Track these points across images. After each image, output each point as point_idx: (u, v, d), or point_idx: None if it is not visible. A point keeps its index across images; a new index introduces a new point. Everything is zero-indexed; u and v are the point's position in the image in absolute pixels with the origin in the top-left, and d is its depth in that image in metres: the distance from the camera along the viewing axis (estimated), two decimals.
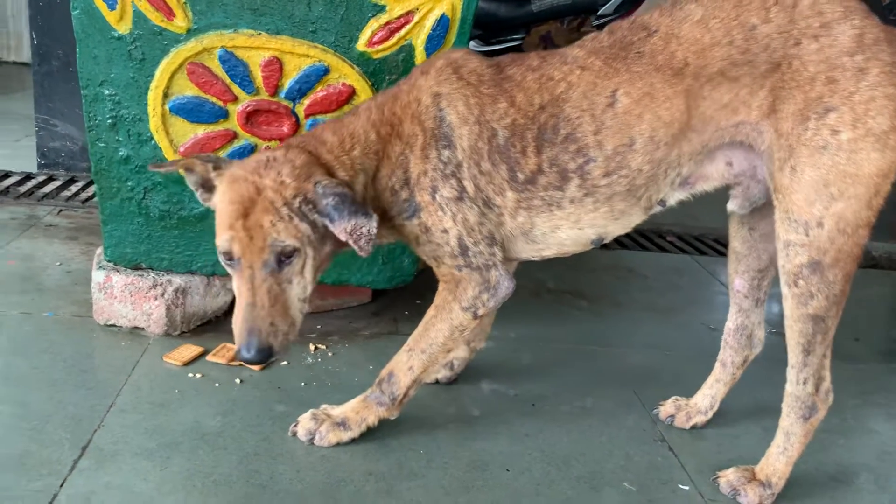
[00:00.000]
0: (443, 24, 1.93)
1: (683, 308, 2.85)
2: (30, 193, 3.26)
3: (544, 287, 2.84)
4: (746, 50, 1.54)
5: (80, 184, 3.44)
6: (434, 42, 1.95)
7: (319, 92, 1.98)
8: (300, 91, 1.97)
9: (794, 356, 1.64)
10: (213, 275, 2.21)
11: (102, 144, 2.01)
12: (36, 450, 1.64)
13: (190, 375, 1.99)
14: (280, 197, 1.51)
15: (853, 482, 1.86)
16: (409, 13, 1.92)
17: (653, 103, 1.59)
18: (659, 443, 1.93)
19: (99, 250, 2.26)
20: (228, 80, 1.94)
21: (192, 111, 1.97)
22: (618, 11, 5.16)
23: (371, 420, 1.78)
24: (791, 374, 1.66)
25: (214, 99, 1.96)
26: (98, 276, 2.15)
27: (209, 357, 2.07)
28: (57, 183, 3.41)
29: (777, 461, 1.70)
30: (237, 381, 1.99)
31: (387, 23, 1.92)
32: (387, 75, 1.98)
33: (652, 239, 3.62)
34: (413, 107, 1.68)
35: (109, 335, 2.16)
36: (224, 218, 1.55)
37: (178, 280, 2.16)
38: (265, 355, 1.52)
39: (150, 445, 1.70)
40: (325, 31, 1.92)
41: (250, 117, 1.99)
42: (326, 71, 1.95)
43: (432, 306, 1.75)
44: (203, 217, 2.11)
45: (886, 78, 1.49)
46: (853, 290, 3.13)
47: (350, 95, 1.98)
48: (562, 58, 1.68)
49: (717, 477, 1.76)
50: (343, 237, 1.52)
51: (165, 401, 1.87)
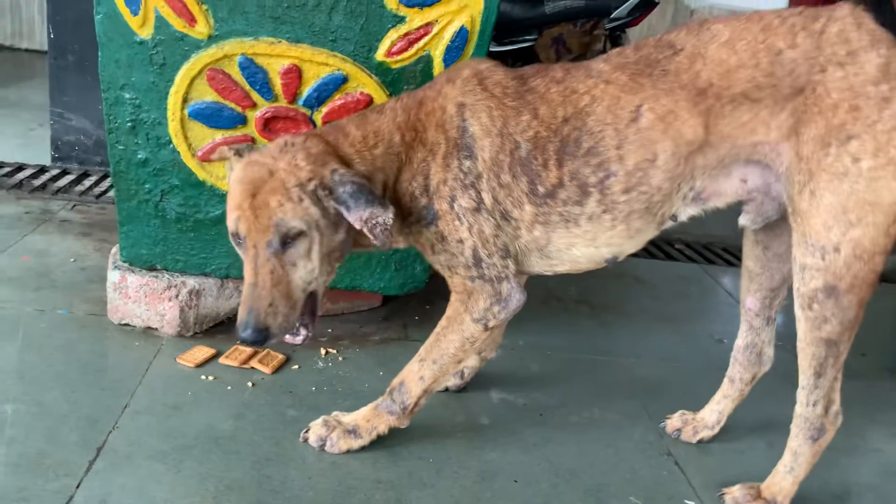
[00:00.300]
0: (462, 36, 1.94)
1: (691, 318, 2.87)
2: (43, 187, 3.28)
3: (553, 295, 2.86)
4: (771, 74, 1.55)
5: (94, 178, 3.46)
6: (453, 53, 1.96)
7: (337, 100, 1.99)
8: (318, 99, 1.99)
9: (806, 378, 1.65)
10: (227, 277, 2.23)
11: (122, 147, 2.03)
12: (52, 450, 1.66)
13: (203, 377, 2.02)
14: (294, 178, 1.53)
15: (857, 502, 1.88)
16: (429, 24, 1.93)
17: (676, 121, 1.59)
18: (665, 456, 1.95)
19: (114, 250, 2.28)
20: (248, 87, 1.96)
21: (211, 116, 1.99)
22: (631, 15, 5.17)
23: (381, 428, 1.80)
24: (801, 396, 1.67)
25: (233, 105, 1.98)
26: (113, 276, 2.18)
27: (221, 359, 2.10)
28: (70, 177, 3.44)
29: (784, 480, 1.72)
30: (249, 385, 2.01)
31: (406, 34, 1.94)
32: (405, 85, 1.99)
33: (660, 247, 3.63)
34: (438, 115, 1.69)
35: (123, 334, 2.18)
36: (233, 198, 1.58)
37: (192, 282, 2.19)
38: (262, 336, 1.54)
39: (164, 448, 1.72)
40: (345, 41, 1.93)
41: (268, 123, 2.01)
42: (345, 80, 1.97)
43: (444, 317, 1.77)
44: (218, 220, 2.13)
45: None
46: None
47: (368, 104, 2.00)
48: (587, 71, 1.69)
49: (723, 493, 1.78)
50: (358, 225, 1.54)
51: (179, 403, 1.90)
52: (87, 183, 3.39)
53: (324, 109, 2.01)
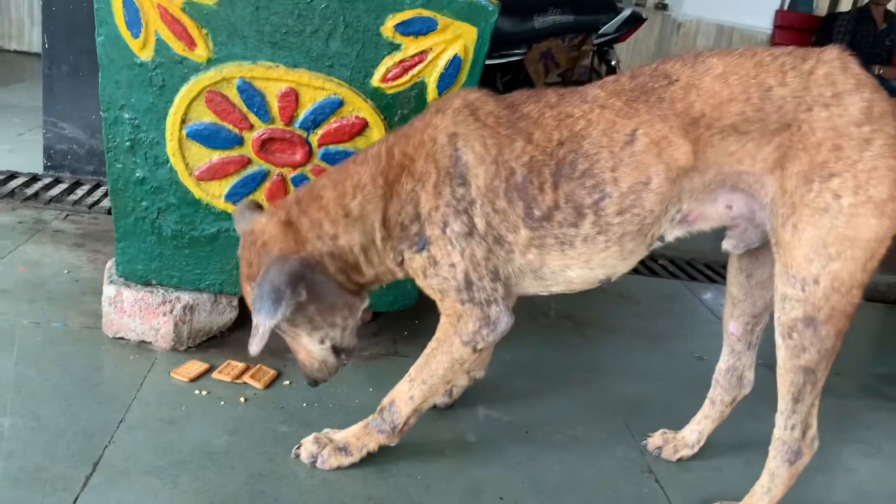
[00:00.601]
0: (455, 65, 2.00)
1: (673, 336, 2.94)
2: (36, 196, 3.31)
3: (539, 311, 2.92)
4: (760, 108, 1.61)
5: (86, 187, 3.49)
6: (446, 80, 2.02)
7: (333, 123, 2.04)
8: (314, 121, 2.04)
9: (784, 403, 1.72)
10: (221, 292, 2.27)
11: (120, 165, 2.07)
12: (50, 464, 1.70)
13: (196, 392, 2.06)
14: (245, 273, 1.82)
15: None
16: (423, 52, 1.99)
17: (670, 146, 1.64)
18: (646, 474, 2.02)
19: (109, 264, 2.32)
20: (245, 109, 2.01)
21: (209, 137, 2.03)
22: (619, 31, 5.26)
23: (371, 446, 1.85)
24: (780, 420, 1.74)
25: (231, 126, 2.03)
26: (109, 291, 2.21)
27: (215, 374, 2.14)
28: (63, 186, 3.46)
29: (760, 500, 1.78)
30: (242, 400, 2.05)
31: (401, 61, 1.99)
32: (399, 110, 2.05)
33: (644, 262, 3.70)
34: (428, 146, 1.74)
35: (118, 348, 2.22)
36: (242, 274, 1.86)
37: (187, 297, 2.23)
38: (317, 384, 1.94)
39: (160, 463, 1.76)
40: (342, 67, 1.98)
41: (265, 144, 2.06)
42: (341, 104, 2.02)
43: (434, 339, 1.82)
44: (213, 238, 2.18)
45: (889, 150, 1.56)
46: None
47: (362, 127, 2.05)
48: (581, 96, 1.74)
49: None
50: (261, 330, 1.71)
51: (173, 418, 1.94)
52: (80, 192, 3.42)
53: (319, 132, 2.06)
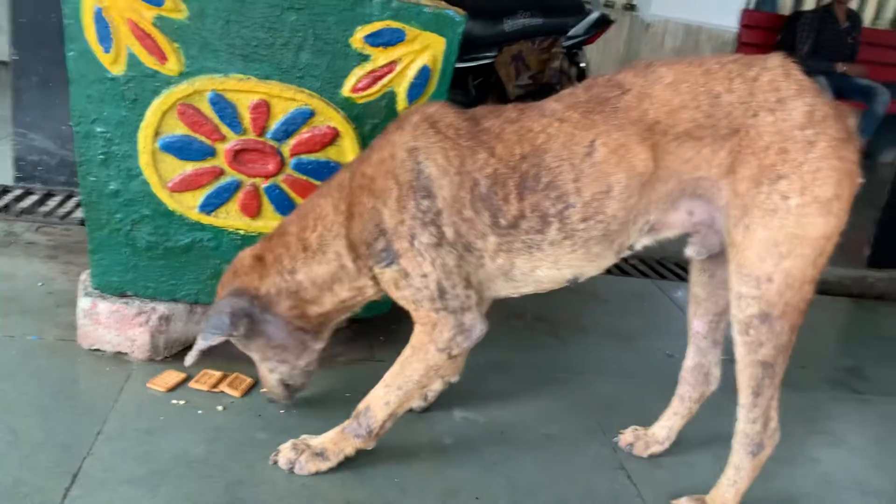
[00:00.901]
0: (424, 74, 2.04)
1: (644, 334, 3.00)
2: (6, 208, 3.29)
3: (513, 312, 2.96)
4: (711, 115, 1.68)
5: (58, 198, 3.48)
6: (415, 90, 2.06)
7: (305, 133, 2.07)
8: (286, 132, 2.07)
9: (745, 397, 1.78)
10: (196, 302, 2.29)
11: (93, 178, 2.08)
12: (28, 478, 1.71)
13: (174, 402, 2.07)
14: (217, 294, 1.97)
15: None
16: (393, 63, 2.02)
17: (628, 154, 1.70)
18: (618, 470, 2.07)
19: (84, 276, 2.33)
20: (217, 121, 2.03)
21: (182, 149, 2.05)
22: (588, 33, 5.33)
23: (348, 451, 1.88)
24: (741, 414, 1.80)
25: (203, 138, 2.05)
26: (84, 303, 2.22)
27: (191, 384, 2.15)
28: (34, 197, 3.44)
29: (727, 492, 1.84)
30: (219, 408, 2.07)
31: (371, 71, 2.03)
32: (370, 119, 2.08)
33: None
34: (388, 163, 1.78)
35: (94, 360, 2.23)
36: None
37: (163, 307, 2.24)
38: (279, 405, 2.11)
39: (139, 473, 1.78)
40: (312, 78, 2.02)
41: (237, 155, 2.08)
42: (312, 114, 2.05)
43: (408, 346, 1.85)
44: (187, 249, 2.19)
45: (832, 151, 1.64)
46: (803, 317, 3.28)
47: (334, 137, 2.08)
48: (540, 111, 1.79)
49: None
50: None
51: (151, 428, 1.96)
52: (52, 203, 3.41)
53: (291, 142, 2.08)
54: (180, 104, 2.00)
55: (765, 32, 7.33)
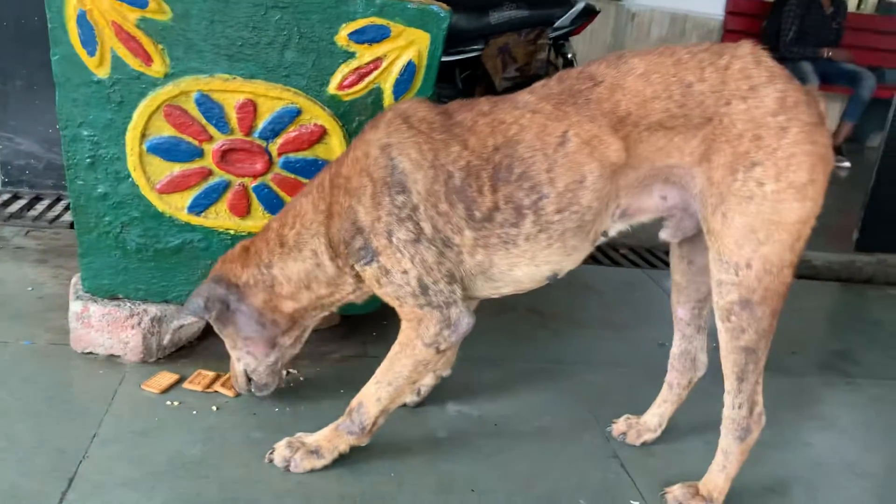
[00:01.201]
0: (409, 70, 2.04)
1: (636, 324, 3.02)
2: None
3: (505, 305, 2.97)
4: (683, 104, 1.69)
5: (46, 202, 3.47)
6: (401, 86, 2.06)
7: (292, 132, 2.08)
8: (273, 131, 2.07)
9: (730, 383, 1.80)
10: None
11: (81, 182, 2.08)
12: (25, 483, 1.71)
13: (168, 403, 2.08)
14: None
15: (787, 493, 2.04)
16: (378, 59, 2.03)
17: (601, 145, 1.72)
18: (612, 459, 2.09)
19: (74, 280, 2.33)
20: (204, 121, 2.03)
21: (169, 150, 2.06)
22: (574, 24, 5.33)
23: (342, 447, 1.89)
24: (727, 400, 1.82)
25: (190, 139, 2.05)
26: (76, 307, 2.22)
27: (185, 384, 2.16)
28: (22, 201, 3.44)
29: (717, 478, 1.87)
30: (214, 408, 2.08)
31: (356, 68, 2.03)
32: (356, 116, 2.09)
33: (606, 253, 3.79)
34: (361, 161, 1.79)
35: (87, 363, 2.23)
36: None
37: (154, 309, 2.24)
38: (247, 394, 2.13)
39: (135, 475, 1.79)
40: (298, 76, 2.02)
41: (225, 155, 2.08)
42: (299, 112, 2.05)
43: (397, 342, 1.86)
44: (178, 250, 2.20)
45: (805, 136, 1.65)
46: (792, 302, 3.33)
47: (321, 135, 2.09)
48: (512, 103, 1.80)
49: (665, 492, 1.92)
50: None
51: (146, 429, 1.96)
52: (40, 207, 3.40)
53: (279, 141, 2.09)
54: (166, 105, 2.00)
55: (750, 19, 7.35)
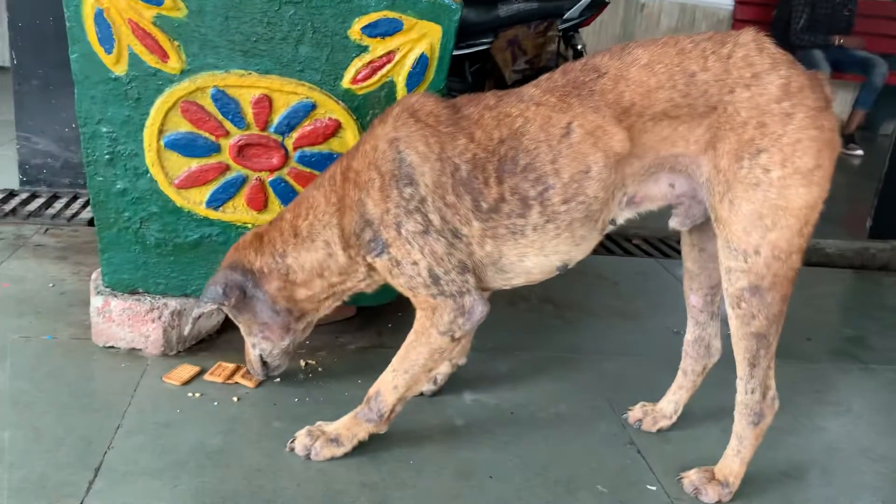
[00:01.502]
0: (422, 63, 2.06)
1: (650, 313, 3.03)
2: (14, 212, 3.33)
3: (519, 296, 2.99)
4: (687, 94, 1.70)
5: (64, 200, 3.51)
6: (414, 79, 2.08)
7: (307, 126, 2.10)
8: (289, 125, 2.09)
9: (742, 369, 1.82)
10: None
11: (100, 178, 2.11)
12: (53, 473, 1.75)
13: (189, 395, 2.11)
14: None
15: (803, 477, 2.05)
16: (391, 53, 2.05)
17: (605, 135, 1.73)
18: (628, 446, 2.10)
19: (95, 275, 2.36)
20: (220, 117, 2.06)
21: (186, 146, 2.09)
22: (583, 15, 5.33)
23: (362, 435, 1.92)
24: (740, 385, 1.84)
25: (207, 134, 2.08)
26: (97, 301, 2.26)
27: (206, 376, 2.19)
28: (40, 200, 3.48)
29: (732, 462, 1.88)
30: (234, 399, 2.11)
31: (370, 62, 2.05)
32: (370, 110, 2.11)
33: (619, 243, 3.80)
34: (370, 155, 1.82)
35: (109, 357, 2.27)
36: None
37: (174, 303, 2.28)
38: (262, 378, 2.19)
39: (159, 465, 1.82)
40: (312, 71, 2.04)
41: (242, 150, 2.11)
42: (313, 107, 2.08)
43: (412, 331, 1.88)
44: (196, 244, 2.23)
45: (810, 121, 1.66)
46: (805, 289, 3.35)
47: (336, 129, 2.11)
48: (518, 96, 1.82)
49: (681, 477, 1.94)
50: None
51: (169, 421, 2.00)
52: (58, 206, 3.44)
53: (294, 135, 2.11)
54: (183, 101, 2.03)
55: (760, 8, 7.32)
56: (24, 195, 3.53)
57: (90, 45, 1.96)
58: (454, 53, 3.41)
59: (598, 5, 5.19)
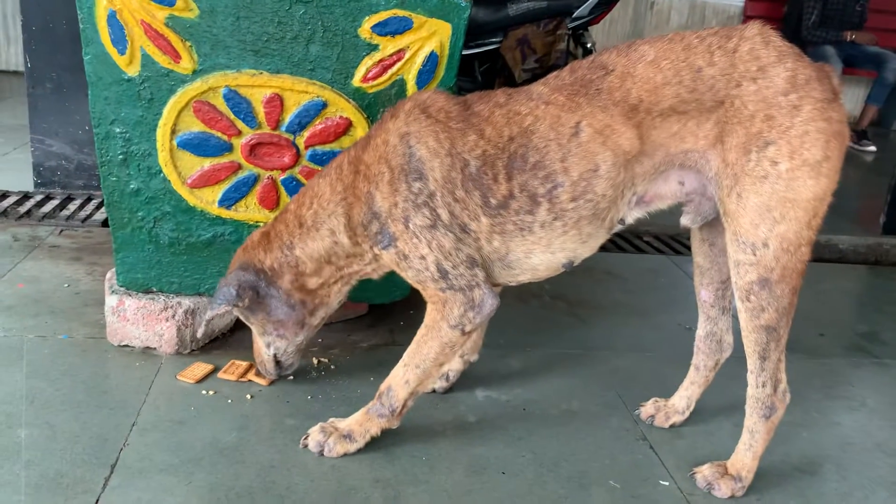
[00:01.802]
0: (432, 60, 2.07)
1: (661, 309, 3.03)
2: (29, 213, 3.36)
3: (530, 293, 3.00)
4: (694, 89, 1.71)
5: (78, 202, 3.54)
6: (424, 77, 2.09)
7: (318, 125, 2.11)
8: (300, 124, 2.11)
9: (752, 362, 1.81)
10: None
11: (114, 178, 2.13)
12: (69, 470, 1.77)
13: (203, 392, 2.13)
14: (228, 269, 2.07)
15: (817, 472, 2.04)
16: (401, 51, 2.06)
17: (613, 134, 1.74)
18: (641, 441, 2.10)
19: (109, 275, 2.39)
20: (232, 116, 2.08)
21: (199, 146, 2.10)
22: (592, 13, 5.32)
23: (374, 431, 1.93)
24: (751, 379, 1.84)
25: (219, 134, 2.09)
26: (111, 301, 2.28)
27: (220, 374, 2.21)
28: (55, 202, 3.51)
29: (745, 457, 1.88)
30: (248, 397, 2.13)
31: (380, 60, 2.07)
32: (381, 108, 2.12)
33: (630, 240, 3.79)
34: (381, 148, 1.84)
35: (124, 356, 2.29)
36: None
37: (188, 302, 2.30)
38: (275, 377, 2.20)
39: (174, 462, 1.84)
40: (323, 70, 2.06)
41: (253, 149, 2.13)
42: (324, 105, 2.09)
43: (423, 325, 1.89)
44: (209, 243, 2.25)
45: (818, 113, 1.66)
46: (818, 285, 3.34)
47: (347, 127, 2.12)
48: (527, 94, 1.83)
49: (694, 472, 1.94)
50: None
51: (183, 418, 2.01)
52: (72, 207, 3.48)
53: (305, 134, 2.13)
54: (195, 101, 2.05)
55: (771, 4, 7.29)
56: (39, 197, 3.56)
57: (103, 47, 1.98)
58: (464, 53, 3.42)
59: (608, 3, 5.18)
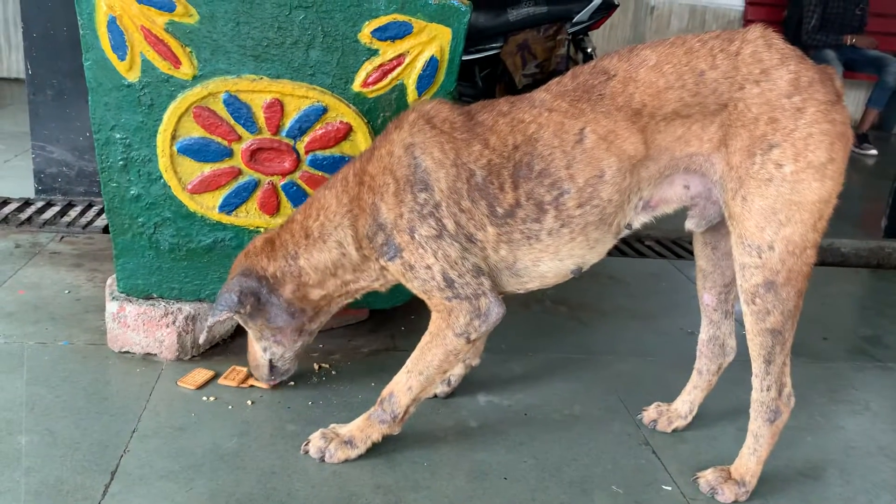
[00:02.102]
0: (432, 65, 2.07)
1: (663, 313, 3.02)
2: (30, 220, 3.36)
3: (533, 297, 2.99)
4: (697, 93, 1.70)
5: (79, 208, 3.54)
6: (424, 81, 2.09)
7: (318, 130, 2.11)
8: (300, 129, 2.10)
9: (757, 366, 1.81)
10: None
11: (114, 184, 2.13)
12: (69, 476, 1.76)
13: (204, 399, 2.12)
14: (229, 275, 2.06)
15: (820, 476, 2.03)
16: (401, 56, 2.06)
17: (617, 139, 1.74)
18: (643, 446, 2.09)
19: (110, 281, 2.38)
20: (233, 122, 2.07)
21: (199, 151, 2.10)
22: (592, 18, 5.33)
23: (375, 437, 1.92)
24: (755, 382, 1.83)
25: (220, 139, 2.09)
26: (112, 307, 2.27)
27: (220, 380, 2.20)
28: (56, 208, 3.51)
29: (749, 461, 1.87)
30: (249, 403, 2.12)
31: (380, 65, 2.06)
32: (381, 113, 2.12)
33: (631, 244, 3.79)
34: (386, 160, 1.84)
35: (124, 362, 2.28)
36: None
37: (188, 308, 2.29)
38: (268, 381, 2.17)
39: (175, 468, 1.83)
40: (323, 74, 2.05)
41: (254, 155, 2.12)
42: (325, 110, 2.09)
43: (427, 332, 1.88)
44: (209, 249, 2.24)
45: (822, 115, 1.66)
46: (822, 289, 3.33)
47: (347, 132, 2.12)
48: (530, 102, 1.83)
49: (697, 477, 1.92)
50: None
51: (184, 424, 2.00)
52: (73, 214, 3.47)
53: (306, 139, 2.12)
54: (195, 107, 2.05)
55: (771, 9, 7.30)
56: (40, 204, 3.56)
57: (103, 52, 1.98)
58: (464, 58, 3.42)
59: (608, 8, 5.19)
